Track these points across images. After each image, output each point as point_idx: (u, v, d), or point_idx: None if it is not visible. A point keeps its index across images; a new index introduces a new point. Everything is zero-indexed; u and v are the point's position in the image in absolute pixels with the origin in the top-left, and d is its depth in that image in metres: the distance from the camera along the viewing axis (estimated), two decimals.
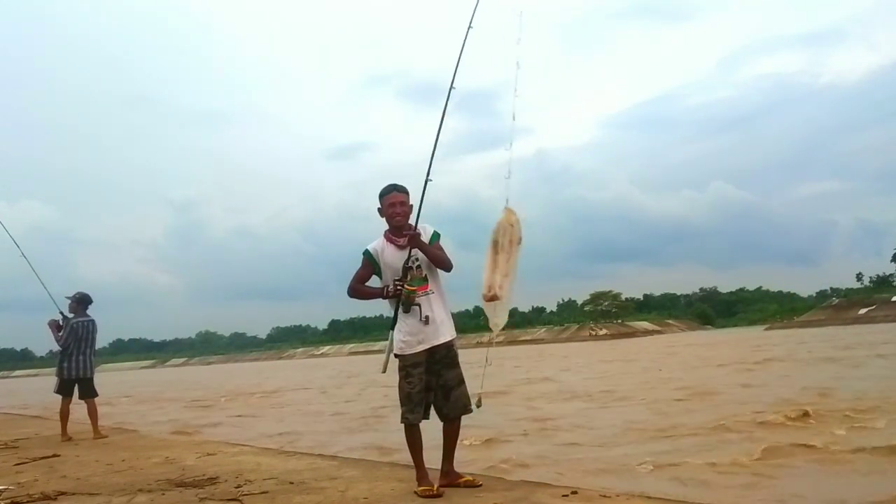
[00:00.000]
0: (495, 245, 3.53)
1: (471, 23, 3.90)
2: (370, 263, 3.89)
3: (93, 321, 8.10)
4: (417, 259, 3.80)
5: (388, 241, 3.87)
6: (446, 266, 3.88)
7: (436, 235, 3.90)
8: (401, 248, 3.81)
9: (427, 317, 3.73)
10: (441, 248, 3.89)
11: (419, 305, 3.72)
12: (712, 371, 16.68)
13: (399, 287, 3.72)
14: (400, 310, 3.77)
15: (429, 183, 3.78)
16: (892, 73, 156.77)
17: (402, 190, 3.87)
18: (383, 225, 3.91)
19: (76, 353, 7.93)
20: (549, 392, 14.08)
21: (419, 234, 3.75)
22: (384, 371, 3.91)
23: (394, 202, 3.83)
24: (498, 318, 3.63)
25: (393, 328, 3.83)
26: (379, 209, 3.90)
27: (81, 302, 8.13)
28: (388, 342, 3.88)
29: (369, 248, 3.90)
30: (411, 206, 3.88)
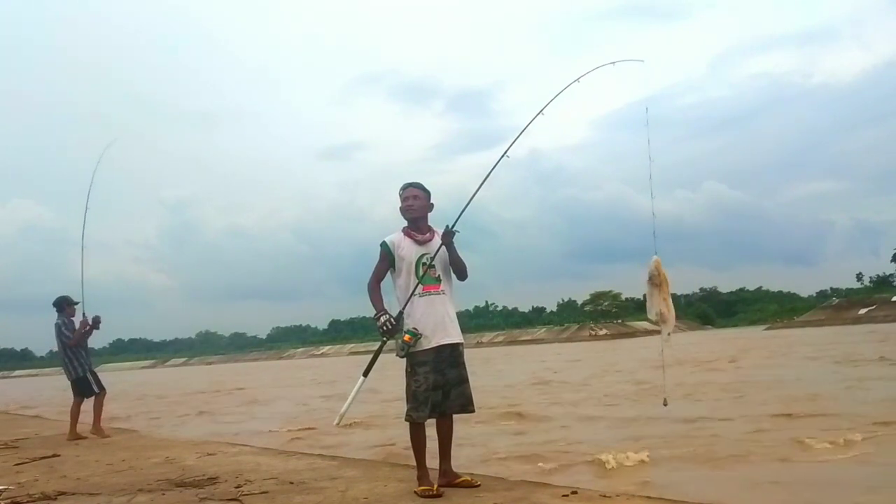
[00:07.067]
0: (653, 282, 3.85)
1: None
2: (387, 255, 3.92)
3: (61, 323, 7.93)
4: (433, 258, 3.85)
5: (406, 235, 3.94)
6: (463, 273, 3.96)
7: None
8: (418, 243, 3.89)
9: (436, 316, 3.78)
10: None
11: (409, 344, 3.71)
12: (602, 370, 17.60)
13: (392, 324, 3.73)
14: (402, 317, 3.78)
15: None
16: (886, 72, 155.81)
17: (417, 186, 3.98)
18: (379, 226, 3.97)
19: (62, 354, 7.96)
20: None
21: (454, 233, 3.84)
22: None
23: (408, 196, 3.94)
24: (668, 329, 3.87)
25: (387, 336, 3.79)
26: (400, 208, 3.99)
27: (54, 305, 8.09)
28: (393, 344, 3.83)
29: (386, 239, 3.95)
30: (432, 204, 4.00)
